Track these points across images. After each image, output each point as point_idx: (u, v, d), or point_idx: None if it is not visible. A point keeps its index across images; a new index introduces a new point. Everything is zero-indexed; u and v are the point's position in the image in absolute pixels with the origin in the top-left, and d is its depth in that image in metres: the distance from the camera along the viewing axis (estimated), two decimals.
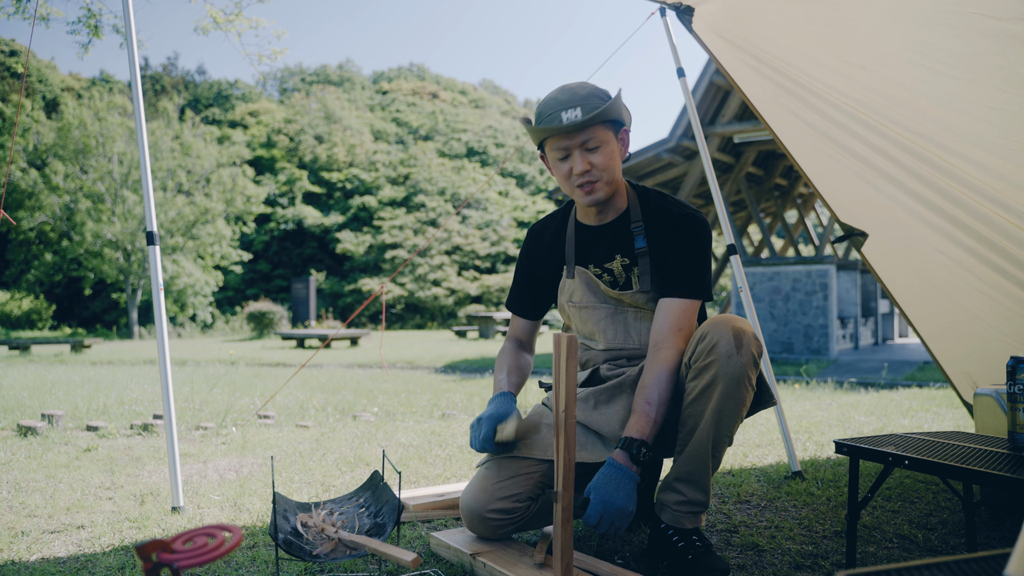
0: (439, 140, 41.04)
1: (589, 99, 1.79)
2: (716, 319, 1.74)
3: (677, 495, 1.76)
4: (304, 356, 13.10)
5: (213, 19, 7.53)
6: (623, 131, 1.88)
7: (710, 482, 1.76)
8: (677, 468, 1.76)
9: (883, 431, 4.00)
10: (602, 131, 1.81)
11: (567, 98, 1.80)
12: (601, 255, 1.95)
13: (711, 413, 1.70)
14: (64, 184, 23.16)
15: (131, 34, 2.44)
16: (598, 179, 1.84)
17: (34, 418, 4.58)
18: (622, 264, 1.92)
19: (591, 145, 1.81)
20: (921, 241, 2.84)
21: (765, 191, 14.73)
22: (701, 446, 1.72)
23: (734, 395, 1.69)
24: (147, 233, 2.44)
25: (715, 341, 1.70)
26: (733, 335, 1.69)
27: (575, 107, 1.78)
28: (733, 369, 1.67)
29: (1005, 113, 2.10)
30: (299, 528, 1.81)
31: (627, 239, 1.92)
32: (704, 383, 1.70)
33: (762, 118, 2.96)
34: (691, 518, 1.76)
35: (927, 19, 2.05)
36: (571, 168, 1.84)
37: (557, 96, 1.83)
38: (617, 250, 1.93)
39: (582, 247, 1.98)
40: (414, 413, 5.43)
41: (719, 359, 1.68)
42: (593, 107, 1.78)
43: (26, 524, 2.25)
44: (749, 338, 1.70)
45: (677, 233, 1.87)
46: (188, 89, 41.05)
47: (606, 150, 1.82)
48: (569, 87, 1.84)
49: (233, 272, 31.02)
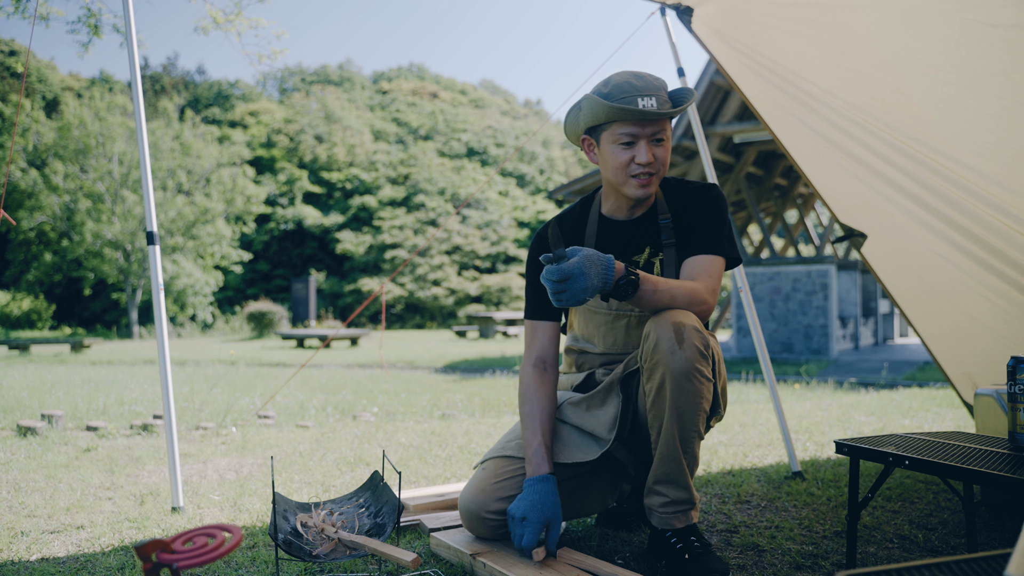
0: (439, 140, 41.03)
1: (663, 91, 1.79)
2: (658, 316, 1.71)
3: (660, 497, 1.76)
4: (304, 356, 13.10)
5: (213, 19, 7.53)
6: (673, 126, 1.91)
7: (690, 479, 1.74)
8: (654, 471, 1.75)
9: (883, 431, 4.00)
10: (669, 126, 1.83)
11: (644, 85, 1.77)
12: (626, 248, 1.92)
13: (669, 412, 1.68)
14: (64, 184, 23.16)
15: (131, 34, 2.44)
16: (655, 172, 1.82)
17: (34, 418, 4.58)
18: (647, 259, 1.91)
19: (659, 137, 1.80)
20: (920, 244, 2.84)
21: (765, 191, 14.72)
22: (670, 446, 1.71)
23: (687, 390, 1.67)
24: (147, 233, 2.44)
25: (656, 339, 1.67)
26: (673, 330, 1.66)
27: (651, 96, 1.76)
28: (678, 365, 1.65)
29: (1001, 119, 2.10)
30: (299, 528, 1.81)
31: (655, 232, 1.92)
32: (656, 384, 1.69)
33: (762, 118, 2.96)
34: (680, 517, 1.75)
35: (923, 24, 2.05)
36: (633, 157, 1.80)
37: (632, 82, 1.78)
38: (647, 242, 1.92)
39: (603, 241, 1.95)
40: (414, 413, 5.43)
41: (663, 357, 1.66)
42: (666, 100, 1.78)
43: (26, 524, 2.25)
44: (690, 331, 1.66)
45: (692, 203, 1.89)
46: (188, 89, 41.04)
47: (667, 146, 1.83)
48: (643, 75, 1.81)
49: (233, 272, 31.02)
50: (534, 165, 40.59)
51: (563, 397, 2.01)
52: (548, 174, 40.83)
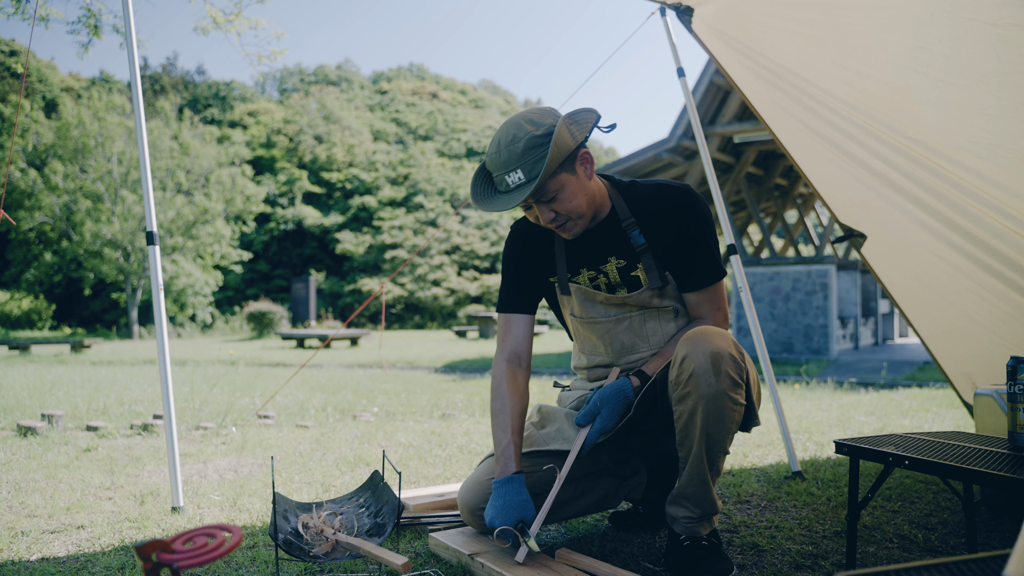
0: (439, 140, 41.03)
1: (527, 154, 1.67)
2: (694, 336, 1.69)
3: (685, 511, 1.78)
4: (304, 356, 13.10)
5: (213, 19, 7.52)
6: (581, 154, 1.75)
7: (714, 491, 1.78)
8: (681, 486, 1.77)
9: (883, 431, 4.00)
10: (552, 181, 1.71)
11: (505, 159, 1.69)
12: (594, 258, 1.90)
13: (700, 435, 1.69)
14: (63, 184, 23.17)
15: (131, 34, 2.44)
16: (567, 219, 1.78)
17: (34, 418, 4.57)
18: (618, 266, 1.87)
19: (546, 199, 1.73)
20: (919, 245, 2.84)
21: (765, 191, 14.72)
22: (699, 467, 1.73)
23: (719, 417, 1.67)
24: (147, 233, 2.44)
25: (692, 369, 1.66)
26: (711, 361, 1.64)
27: (515, 169, 1.68)
28: (713, 396, 1.65)
29: (1000, 119, 2.10)
30: (300, 529, 1.81)
31: (621, 239, 1.87)
32: (688, 410, 1.69)
33: (761, 118, 2.96)
34: (704, 525, 1.79)
35: (923, 24, 2.04)
36: (538, 217, 1.78)
37: (495, 155, 1.71)
38: (611, 252, 1.88)
39: (573, 253, 1.92)
40: (414, 413, 5.43)
41: (697, 387, 1.66)
42: (533, 163, 1.66)
43: (26, 524, 2.25)
44: (727, 361, 1.65)
45: (685, 223, 1.84)
46: (187, 89, 41.05)
47: (564, 194, 1.73)
48: (504, 142, 1.70)
49: (233, 272, 31.02)
50: None
51: (573, 397, 2.03)
52: None
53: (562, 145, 1.67)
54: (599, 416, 1.78)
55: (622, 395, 1.78)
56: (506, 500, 1.72)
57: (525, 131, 1.69)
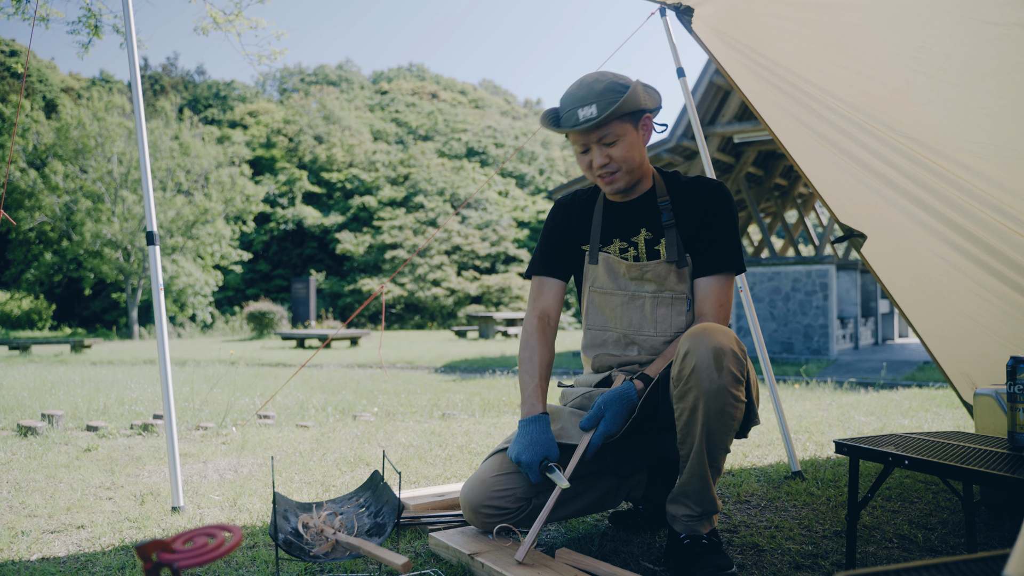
0: (439, 140, 41.03)
1: (605, 95, 1.81)
2: (697, 332, 1.71)
3: (685, 509, 1.79)
4: (304, 356, 13.10)
5: (213, 19, 7.52)
6: (645, 117, 1.89)
7: (714, 489, 1.78)
8: (682, 484, 1.78)
9: (883, 431, 4.00)
10: (619, 126, 1.84)
11: (584, 94, 1.82)
12: (627, 229, 1.98)
13: (701, 432, 1.70)
14: (63, 184, 23.17)
15: (131, 34, 2.44)
16: (617, 170, 1.89)
17: (34, 418, 4.58)
18: (646, 238, 1.95)
19: (608, 140, 1.85)
20: (919, 245, 2.84)
21: (765, 191, 14.72)
22: (699, 465, 1.74)
23: (720, 414, 1.68)
24: (147, 233, 2.44)
25: (694, 364, 1.67)
26: (713, 356, 1.66)
27: (590, 104, 1.81)
28: (715, 392, 1.66)
29: (1001, 119, 2.10)
30: (300, 529, 1.81)
31: (654, 213, 1.96)
32: (689, 406, 1.70)
33: (761, 118, 2.96)
34: (704, 523, 1.79)
35: (923, 24, 2.04)
36: (591, 161, 1.89)
37: (575, 92, 1.85)
38: (643, 224, 1.97)
39: (608, 224, 2.01)
40: (414, 413, 5.43)
41: (699, 383, 1.66)
42: (609, 103, 1.80)
43: (26, 524, 2.25)
44: (729, 357, 1.67)
45: (712, 208, 1.92)
46: (188, 89, 41.05)
47: (624, 142, 1.86)
48: (586, 81, 1.85)
49: (233, 272, 31.03)
50: (534, 165, 40.57)
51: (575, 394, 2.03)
52: (548, 174, 40.82)
53: (635, 99, 1.82)
54: (603, 420, 1.78)
55: (626, 399, 1.79)
56: (533, 437, 1.79)
57: (608, 77, 1.85)
